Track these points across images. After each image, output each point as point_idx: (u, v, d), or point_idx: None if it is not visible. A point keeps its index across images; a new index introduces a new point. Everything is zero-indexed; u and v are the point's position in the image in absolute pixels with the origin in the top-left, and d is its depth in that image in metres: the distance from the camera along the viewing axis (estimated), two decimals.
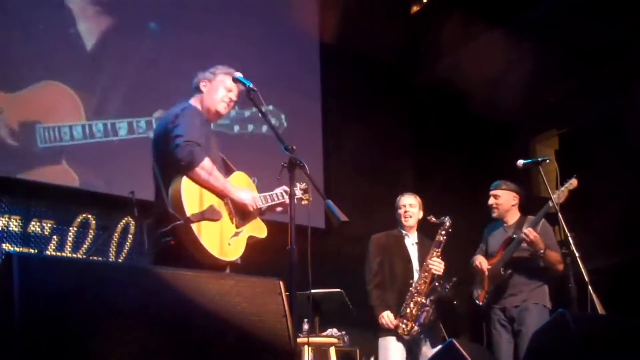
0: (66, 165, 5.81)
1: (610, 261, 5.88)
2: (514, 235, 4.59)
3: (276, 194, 3.49)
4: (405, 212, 4.76)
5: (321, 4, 7.75)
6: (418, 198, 4.85)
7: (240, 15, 6.99)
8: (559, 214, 4.21)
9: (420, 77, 7.99)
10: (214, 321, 2.25)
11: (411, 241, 4.77)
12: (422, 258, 4.64)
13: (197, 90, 3.56)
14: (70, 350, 1.93)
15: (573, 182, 4.45)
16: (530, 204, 4.88)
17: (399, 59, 7.91)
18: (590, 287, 3.90)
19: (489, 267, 4.69)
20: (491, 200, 4.85)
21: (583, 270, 3.94)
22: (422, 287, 4.51)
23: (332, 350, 5.36)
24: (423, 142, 8.00)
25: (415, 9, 8.05)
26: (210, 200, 3.21)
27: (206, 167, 3.18)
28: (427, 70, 7.92)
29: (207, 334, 2.22)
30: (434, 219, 4.62)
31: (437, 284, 4.49)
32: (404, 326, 4.47)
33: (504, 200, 4.81)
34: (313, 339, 5.16)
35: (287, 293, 2.50)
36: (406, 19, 8.01)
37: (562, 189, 4.41)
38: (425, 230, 4.89)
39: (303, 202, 3.48)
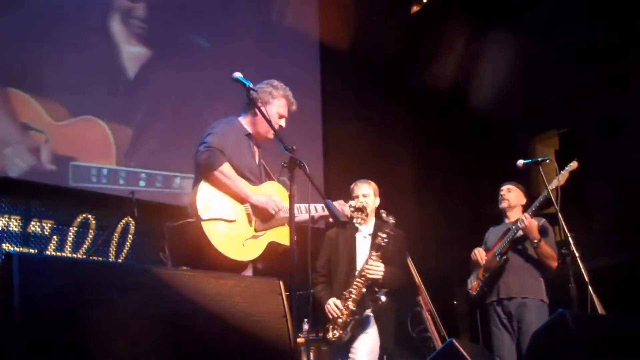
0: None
1: (611, 261, 5.88)
2: (513, 226, 4.62)
3: (315, 206, 3.51)
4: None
5: (321, 4, 7.76)
6: (373, 184, 4.51)
7: (240, 16, 6.99)
8: (559, 214, 4.21)
9: (420, 77, 7.99)
10: (213, 321, 2.25)
11: (363, 234, 4.38)
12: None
13: (251, 108, 3.51)
14: (70, 350, 1.94)
15: (573, 165, 4.49)
16: (531, 204, 4.88)
17: (399, 59, 7.91)
18: (590, 287, 3.90)
19: (487, 258, 4.72)
20: (504, 191, 4.87)
21: (583, 270, 3.94)
22: (356, 293, 4.11)
23: None
24: (423, 142, 8.00)
25: (415, 9, 8.05)
26: (227, 203, 3.29)
27: (224, 171, 3.27)
28: (427, 70, 7.92)
29: (207, 334, 2.22)
30: (384, 215, 4.23)
31: (374, 289, 4.09)
32: (334, 332, 4.12)
33: (515, 195, 4.85)
34: (313, 339, 5.16)
35: (287, 293, 2.51)
36: (406, 19, 8.01)
37: (563, 172, 4.45)
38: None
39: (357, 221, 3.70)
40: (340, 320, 4.12)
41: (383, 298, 4.09)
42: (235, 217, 3.28)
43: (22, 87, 5.58)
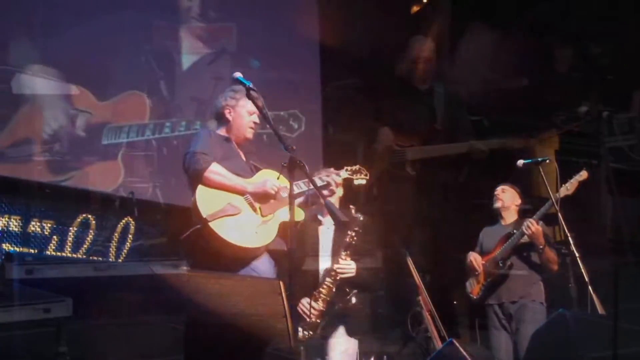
0: (119, 161, 6.12)
1: (610, 261, 5.87)
2: (514, 231, 4.61)
3: (319, 178, 3.69)
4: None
5: (321, 4, 7.74)
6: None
7: (240, 16, 7.00)
8: (559, 214, 4.21)
9: (420, 76, 7.97)
10: (214, 321, 2.25)
11: (326, 225, 4.21)
12: (338, 242, 4.11)
13: (222, 117, 3.66)
14: (71, 350, 1.94)
15: (583, 174, 4.50)
16: (530, 204, 4.88)
17: (399, 59, 7.90)
18: (590, 287, 3.90)
19: (484, 262, 4.72)
20: (498, 191, 4.88)
21: (583, 270, 3.94)
22: (326, 293, 3.97)
23: None
24: (423, 141, 7.98)
25: (415, 8, 8.04)
26: (227, 199, 3.36)
27: (215, 170, 3.36)
28: (426, 69, 7.89)
29: (207, 333, 2.23)
30: (353, 212, 4.08)
31: (345, 290, 3.97)
32: (305, 333, 3.90)
33: (510, 195, 4.85)
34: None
35: (287, 293, 2.51)
36: (406, 18, 8.00)
37: (572, 180, 4.45)
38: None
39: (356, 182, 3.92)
40: (310, 320, 3.93)
41: (354, 300, 4.00)
42: (239, 210, 3.35)
43: (83, 83, 5.92)
